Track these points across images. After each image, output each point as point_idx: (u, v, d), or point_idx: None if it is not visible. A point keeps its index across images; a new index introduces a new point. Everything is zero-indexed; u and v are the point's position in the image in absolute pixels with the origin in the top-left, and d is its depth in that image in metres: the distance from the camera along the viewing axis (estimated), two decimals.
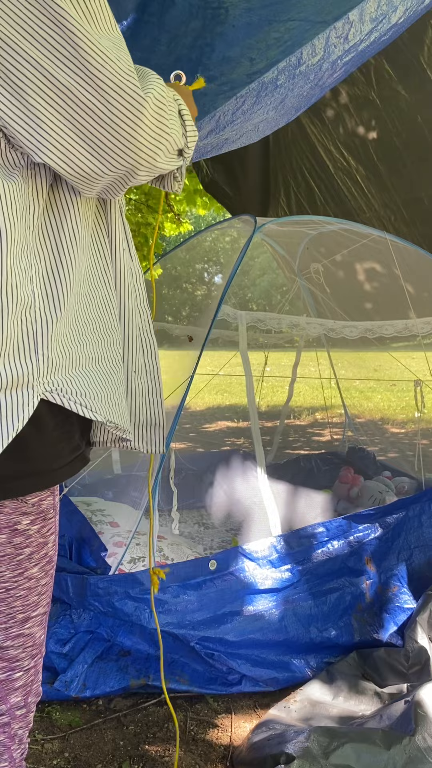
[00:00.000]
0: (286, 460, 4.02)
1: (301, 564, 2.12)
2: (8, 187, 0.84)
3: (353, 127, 3.27)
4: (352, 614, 2.12)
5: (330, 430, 5.03)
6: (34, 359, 0.87)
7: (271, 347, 4.05)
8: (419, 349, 3.17)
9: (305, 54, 1.39)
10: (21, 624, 1.00)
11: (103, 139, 0.83)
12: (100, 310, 1.02)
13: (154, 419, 1.15)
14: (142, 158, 0.87)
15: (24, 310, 0.86)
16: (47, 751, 1.74)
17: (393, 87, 2.99)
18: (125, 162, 0.86)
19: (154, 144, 0.87)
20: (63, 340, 0.92)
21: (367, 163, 3.41)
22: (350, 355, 4.43)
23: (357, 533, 2.21)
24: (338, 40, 1.41)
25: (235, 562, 2.07)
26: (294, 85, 1.46)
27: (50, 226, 0.91)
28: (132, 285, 1.09)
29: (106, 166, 0.85)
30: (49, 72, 0.79)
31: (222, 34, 1.41)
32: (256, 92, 1.42)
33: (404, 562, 2.22)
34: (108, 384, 1.01)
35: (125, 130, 0.83)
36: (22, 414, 0.85)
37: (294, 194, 3.89)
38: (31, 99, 0.80)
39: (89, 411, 0.94)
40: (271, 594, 2.06)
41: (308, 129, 3.44)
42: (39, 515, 0.98)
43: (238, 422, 6.48)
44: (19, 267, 0.85)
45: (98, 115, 0.81)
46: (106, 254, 1.04)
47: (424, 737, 1.53)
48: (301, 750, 1.51)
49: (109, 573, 2.09)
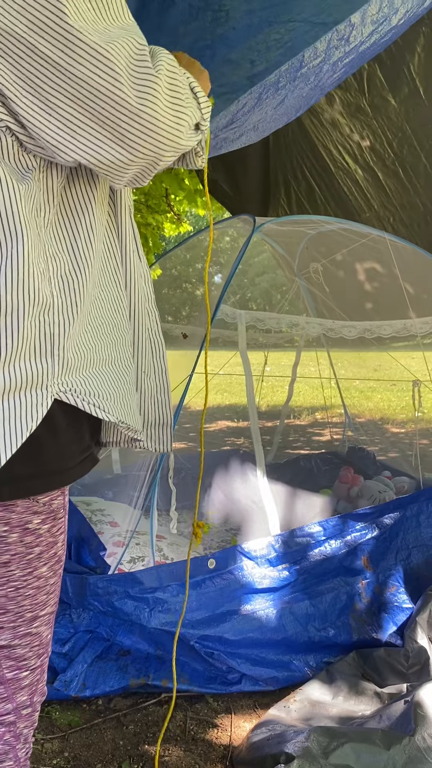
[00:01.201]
0: (286, 460, 4.02)
1: (298, 563, 2.13)
2: (22, 190, 0.85)
3: (349, 133, 3.27)
4: (349, 614, 2.13)
5: (330, 429, 5.03)
6: (49, 360, 0.88)
7: (271, 347, 4.05)
8: (419, 348, 3.17)
9: (307, 56, 1.39)
10: (29, 623, 1.01)
11: (126, 126, 0.82)
12: (111, 311, 1.03)
13: (163, 418, 1.17)
14: (165, 139, 0.86)
15: (42, 311, 0.87)
16: (47, 750, 1.74)
17: (383, 96, 2.98)
18: (150, 146, 0.85)
19: (174, 122, 0.86)
20: (77, 341, 0.93)
21: (365, 166, 3.41)
22: (350, 355, 4.43)
23: (354, 533, 2.22)
24: (339, 42, 1.40)
25: (233, 561, 2.07)
26: (295, 87, 1.46)
27: (66, 228, 0.92)
28: (141, 286, 1.10)
29: (133, 154, 0.85)
30: (61, 66, 0.79)
31: (222, 36, 1.41)
32: (258, 94, 1.42)
33: (402, 562, 2.22)
34: (120, 385, 1.02)
35: (143, 110, 0.82)
36: (36, 414, 0.86)
37: (294, 193, 3.88)
38: (51, 97, 0.80)
39: (102, 411, 0.95)
40: (269, 593, 2.06)
41: (308, 129, 3.44)
42: (49, 515, 0.98)
43: (238, 422, 6.48)
44: (38, 268, 0.86)
45: (117, 102, 0.81)
46: (116, 256, 1.05)
47: (423, 737, 1.54)
48: (301, 750, 1.51)
49: (108, 572, 2.09)
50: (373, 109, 3.06)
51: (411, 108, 2.95)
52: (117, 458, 3.33)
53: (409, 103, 2.94)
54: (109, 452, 3.23)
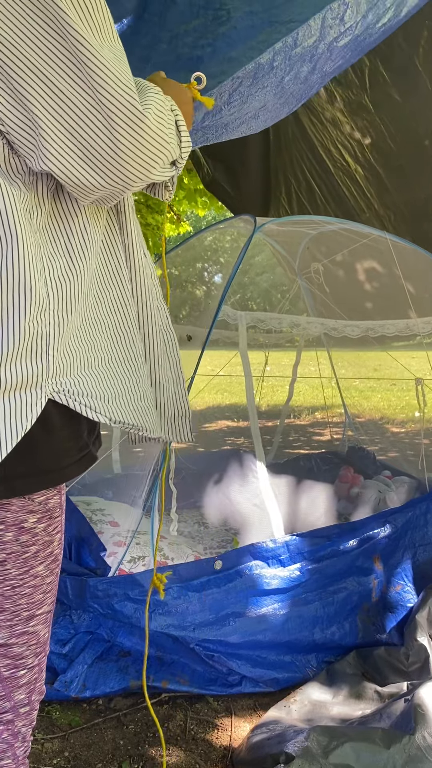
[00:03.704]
0: (286, 460, 4.02)
1: (311, 563, 2.11)
2: (14, 192, 0.85)
3: (349, 131, 3.27)
4: (357, 614, 2.12)
5: (330, 429, 5.03)
6: (44, 360, 0.88)
7: (272, 347, 4.05)
8: (420, 348, 3.17)
9: (301, 35, 1.39)
10: (26, 622, 1.01)
11: (101, 153, 0.83)
12: (111, 309, 1.03)
13: (181, 410, 1.20)
14: (138, 172, 0.87)
15: (39, 312, 0.87)
16: (47, 750, 1.74)
17: (386, 91, 2.97)
18: (122, 176, 0.86)
19: (151, 158, 0.87)
20: (71, 340, 0.93)
21: (365, 164, 3.40)
22: (350, 355, 4.43)
23: (367, 532, 2.22)
24: (334, 21, 1.41)
25: (243, 561, 2.06)
26: (291, 68, 1.46)
27: (60, 229, 0.92)
28: (149, 282, 1.11)
29: (103, 180, 0.86)
30: (51, 79, 0.80)
31: (224, 35, 1.41)
32: (253, 73, 1.42)
33: (409, 560, 2.22)
34: (118, 383, 1.02)
35: (125, 145, 0.83)
36: (31, 414, 0.86)
37: (295, 193, 3.88)
38: (32, 106, 0.81)
39: (93, 412, 0.95)
40: (277, 594, 2.05)
41: (308, 128, 3.44)
42: (45, 514, 0.98)
43: (238, 422, 6.48)
44: (36, 269, 0.87)
45: (98, 128, 0.82)
46: (118, 254, 1.05)
47: (424, 736, 1.54)
48: (301, 749, 1.51)
49: (109, 573, 2.09)
50: (376, 106, 3.06)
51: (417, 100, 2.95)
52: (117, 458, 3.33)
53: (415, 96, 2.94)
54: (109, 452, 3.22)
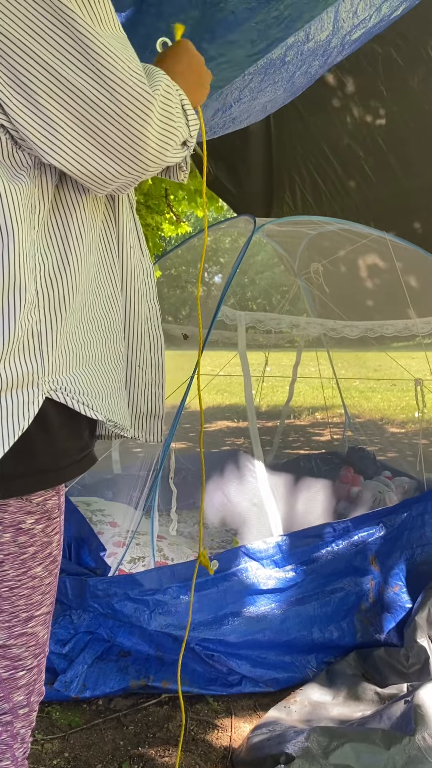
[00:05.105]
0: (286, 460, 4.02)
1: (306, 564, 2.11)
2: (14, 188, 0.85)
3: (361, 116, 3.24)
4: (355, 614, 2.12)
5: (330, 430, 5.03)
6: (38, 358, 0.88)
7: (272, 347, 4.05)
8: (419, 349, 3.17)
9: (313, 29, 1.37)
10: (24, 623, 1.00)
11: (114, 138, 0.83)
12: (105, 308, 1.03)
13: (155, 410, 1.18)
14: (153, 156, 0.88)
15: (31, 309, 0.87)
16: (47, 751, 1.74)
17: (401, 77, 2.97)
18: (137, 161, 0.87)
19: (162, 140, 0.88)
20: (68, 338, 0.93)
21: (375, 151, 3.37)
22: (350, 355, 4.43)
23: (362, 532, 2.21)
24: (347, 14, 1.38)
25: (237, 562, 2.06)
26: (303, 62, 1.43)
27: (57, 226, 0.92)
28: (141, 279, 1.10)
29: (120, 167, 0.86)
30: (58, 72, 0.80)
31: (222, 21, 1.40)
32: (264, 69, 1.40)
33: (406, 561, 2.21)
34: (108, 382, 1.02)
35: (135, 128, 0.83)
36: (28, 413, 0.86)
37: (300, 190, 3.86)
38: (41, 99, 0.81)
39: (91, 410, 0.95)
40: (274, 594, 2.05)
41: (310, 124, 3.43)
42: (43, 515, 0.98)
43: (238, 422, 6.48)
44: (28, 267, 0.86)
45: (109, 114, 0.82)
46: (113, 251, 1.05)
47: (424, 737, 1.53)
48: (301, 750, 1.51)
49: (108, 573, 2.09)
50: (390, 92, 3.05)
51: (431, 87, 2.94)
52: (117, 458, 3.33)
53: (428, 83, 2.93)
54: (109, 452, 3.22)
